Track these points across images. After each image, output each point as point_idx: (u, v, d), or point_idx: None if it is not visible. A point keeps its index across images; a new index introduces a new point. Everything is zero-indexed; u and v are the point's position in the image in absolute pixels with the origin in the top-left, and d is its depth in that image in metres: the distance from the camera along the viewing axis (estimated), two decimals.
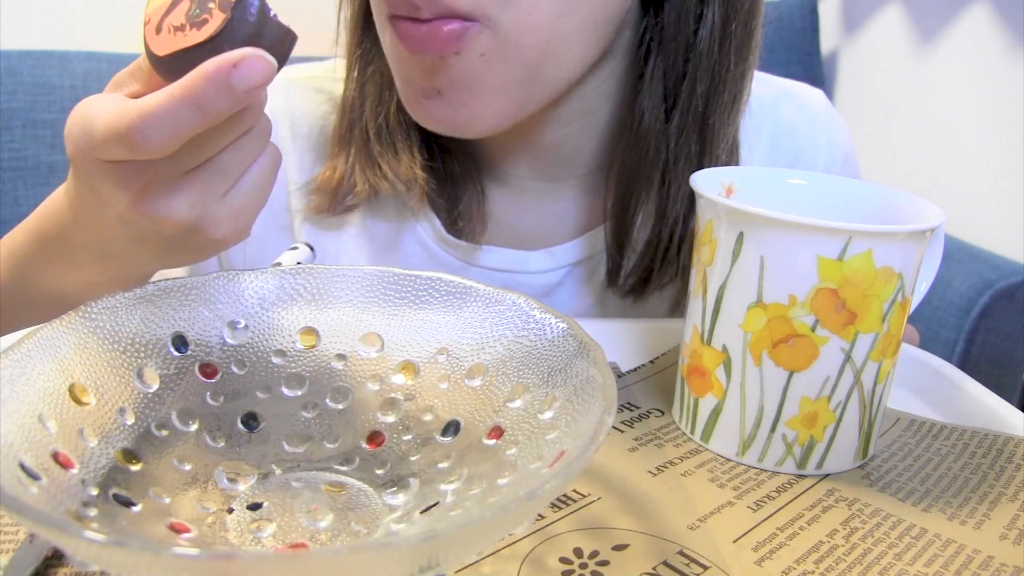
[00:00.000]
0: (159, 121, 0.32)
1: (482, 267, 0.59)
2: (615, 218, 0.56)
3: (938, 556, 0.32)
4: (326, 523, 0.29)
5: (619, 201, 0.56)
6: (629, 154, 0.54)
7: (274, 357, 0.33)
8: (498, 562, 0.30)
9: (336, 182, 0.57)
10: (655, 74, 0.52)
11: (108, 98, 0.36)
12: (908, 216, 0.38)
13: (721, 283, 0.37)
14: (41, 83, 1.16)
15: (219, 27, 0.33)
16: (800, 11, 1.50)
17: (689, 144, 0.53)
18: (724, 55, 0.51)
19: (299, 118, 0.61)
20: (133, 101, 0.34)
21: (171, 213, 0.37)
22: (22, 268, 0.47)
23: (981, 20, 1.29)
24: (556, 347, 0.30)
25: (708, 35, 0.50)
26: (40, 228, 0.45)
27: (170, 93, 0.32)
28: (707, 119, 0.52)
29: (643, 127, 0.53)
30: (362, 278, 0.34)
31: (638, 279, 0.57)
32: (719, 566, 0.30)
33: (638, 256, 0.56)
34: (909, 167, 1.43)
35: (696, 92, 0.51)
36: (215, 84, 0.32)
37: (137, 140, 0.33)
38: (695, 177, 0.40)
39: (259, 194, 0.39)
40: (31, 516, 0.20)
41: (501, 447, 0.30)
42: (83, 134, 0.36)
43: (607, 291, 0.59)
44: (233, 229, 0.38)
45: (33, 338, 0.27)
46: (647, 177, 0.54)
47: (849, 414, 0.36)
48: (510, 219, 0.60)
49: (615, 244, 0.56)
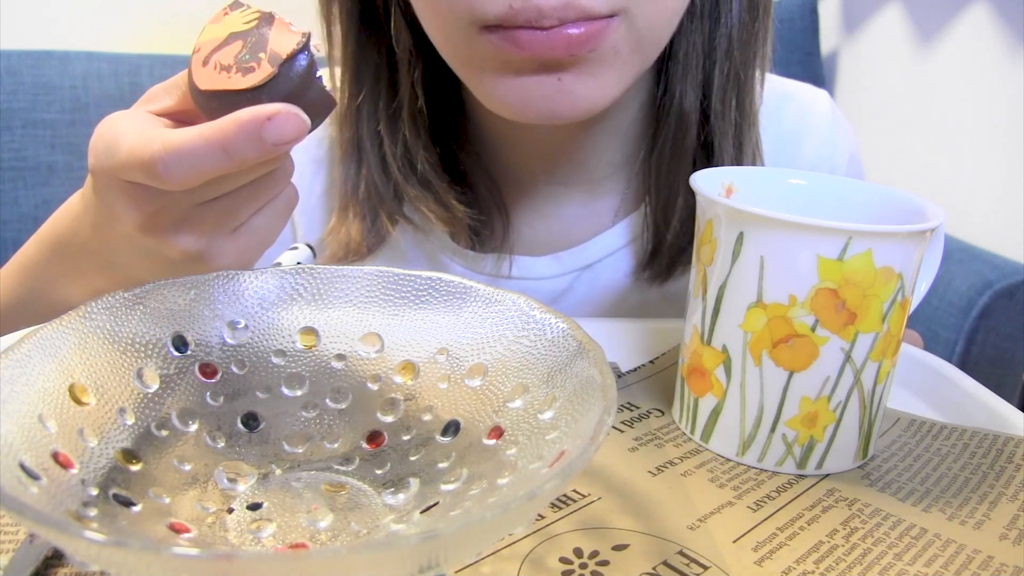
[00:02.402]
0: (184, 158, 0.32)
1: (489, 275, 0.59)
2: (660, 202, 0.56)
3: (938, 556, 0.32)
4: (326, 523, 0.29)
5: (663, 186, 0.56)
6: (670, 139, 0.54)
7: (274, 357, 0.33)
8: (498, 562, 0.30)
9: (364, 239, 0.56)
10: (691, 51, 0.52)
11: (137, 119, 0.36)
12: (908, 216, 0.38)
13: (721, 283, 0.37)
14: (41, 83, 1.16)
15: (263, 79, 0.33)
16: (800, 11, 1.50)
17: (730, 114, 0.54)
18: (753, 20, 0.53)
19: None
20: (161, 130, 0.34)
21: (177, 242, 0.37)
22: (34, 278, 0.47)
23: (981, 20, 1.29)
24: (556, 347, 0.30)
25: (739, 4, 0.52)
26: (53, 234, 0.46)
27: (200, 133, 0.32)
28: (743, 86, 0.53)
29: (685, 108, 0.53)
30: (362, 278, 0.34)
31: (670, 259, 0.57)
32: (719, 566, 0.30)
33: (673, 234, 0.56)
34: (909, 167, 1.43)
35: (734, 62, 0.53)
36: (246, 133, 0.32)
37: (159, 171, 0.33)
38: (695, 177, 0.40)
39: (267, 233, 0.39)
40: (31, 516, 0.20)
41: (501, 447, 0.30)
42: (106, 151, 0.36)
43: (617, 292, 0.59)
44: (235, 263, 0.39)
45: (33, 338, 0.27)
46: (689, 157, 0.54)
47: (849, 414, 0.36)
48: (520, 226, 0.60)
49: (664, 223, 0.56)
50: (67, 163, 1.17)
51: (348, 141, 0.56)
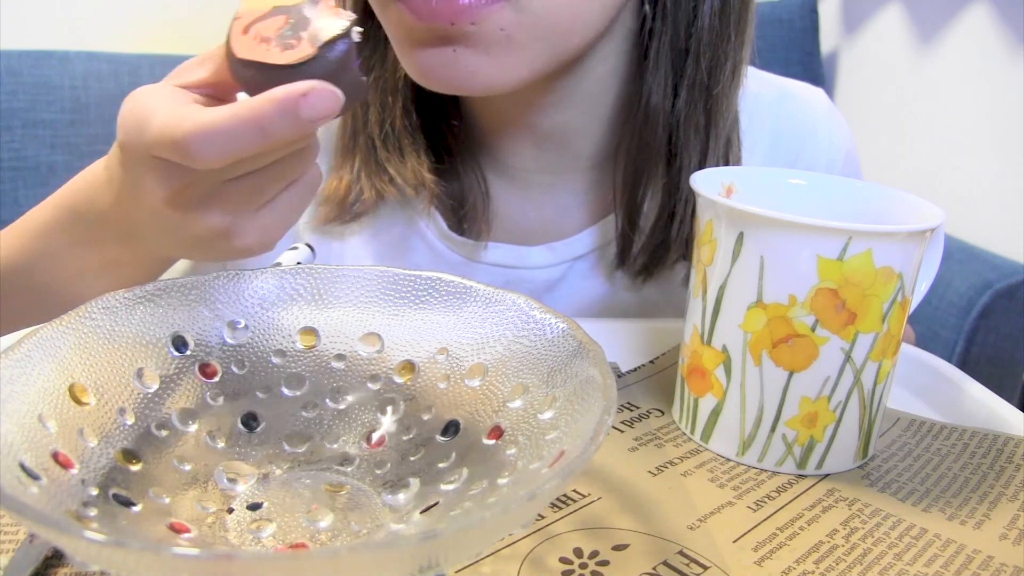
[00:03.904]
0: (215, 137, 0.32)
1: (485, 263, 0.59)
2: (626, 197, 0.56)
3: (938, 556, 0.32)
4: (326, 523, 0.29)
5: (629, 180, 0.56)
6: (637, 134, 0.55)
7: (274, 357, 0.33)
8: (498, 562, 0.30)
9: (343, 192, 0.57)
10: (661, 51, 0.53)
11: (167, 95, 0.36)
12: (908, 216, 0.38)
13: (721, 283, 0.37)
14: (41, 83, 1.16)
15: (302, 59, 0.33)
16: (800, 11, 1.50)
17: (696, 117, 0.54)
18: (724, 27, 0.52)
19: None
20: (192, 108, 0.34)
21: (203, 218, 0.37)
22: (46, 242, 0.47)
23: (981, 20, 1.29)
24: (556, 347, 0.30)
25: (709, 8, 0.51)
26: (72, 200, 0.45)
27: (233, 112, 0.32)
28: (711, 91, 0.53)
29: (651, 105, 0.53)
30: (362, 278, 0.34)
31: (648, 258, 0.57)
32: (719, 566, 0.30)
33: (647, 234, 0.56)
34: (909, 167, 1.43)
35: (700, 66, 0.52)
36: (282, 110, 0.32)
37: (191, 151, 0.33)
38: (695, 177, 0.40)
39: (292, 212, 0.39)
40: (31, 516, 0.20)
41: (501, 447, 0.30)
42: (136, 128, 0.36)
43: (610, 281, 0.59)
44: (259, 241, 0.39)
45: (33, 338, 0.27)
46: (656, 155, 0.55)
47: (849, 414, 0.36)
48: (514, 214, 0.60)
49: (628, 223, 0.57)
50: (67, 163, 1.17)
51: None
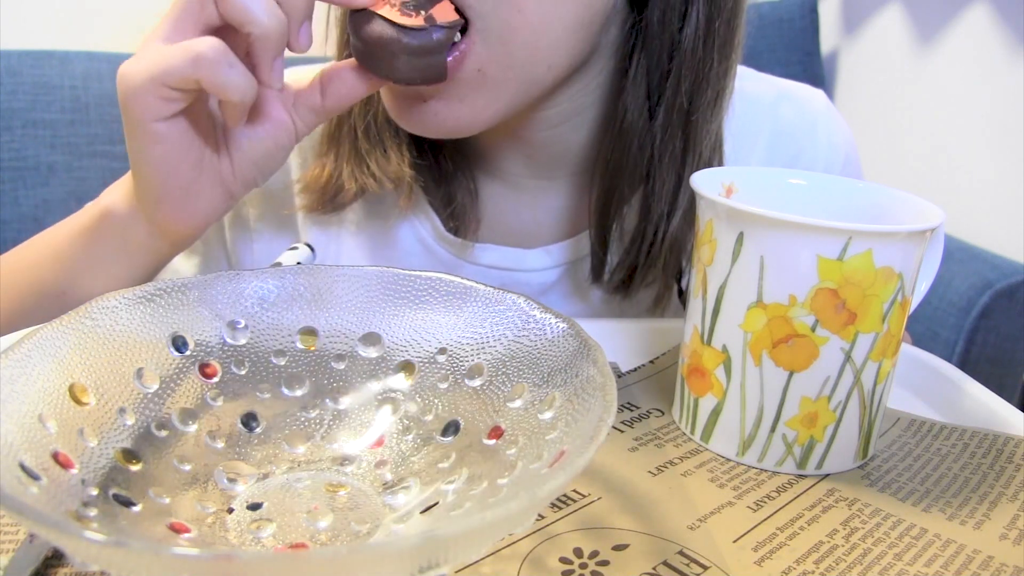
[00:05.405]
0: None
1: (479, 264, 0.59)
2: (598, 215, 0.56)
3: (938, 556, 0.32)
4: (326, 523, 0.29)
5: (602, 198, 0.56)
6: (613, 151, 0.54)
7: (274, 357, 0.33)
8: (498, 562, 0.30)
9: (324, 181, 0.57)
10: (639, 71, 0.52)
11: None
12: (908, 216, 0.38)
13: (721, 283, 0.37)
14: (41, 83, 1.16)
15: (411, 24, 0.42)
16: (800, 11, 1.50)
17: (673, 141, 0.53)
18: (708, 53, 0.51)
19: None
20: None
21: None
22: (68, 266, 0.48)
23: (981, 20, 1.29)
24: (556, 347, 0.30)
25: (692, 33, 0.50)
26: (94, 214, 0.47)
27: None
28: (691, 116, 0.52)
29: (627, 124, 0.53)
30: (362, 278, 0.34)
31: (624, 276, 0.56)
32: (719, 566, 0.30)
33: (623, 253, 0.56)
34: (909, 167, 1.43)
35: (680, 89, 0.51)
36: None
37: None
38: (695, 177, 0.40)
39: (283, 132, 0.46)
40: (31, 516, 0.20)
41: (501, 447, 0.30)
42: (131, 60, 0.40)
43: (594, 289, 0.59)
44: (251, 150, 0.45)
45: (33, 338, 0.27)
46: (631, 174, 0.54)
47: (849, 414, 0.36)
48: (507, 216, 0.60)
49: (598, 241, 0.57)
50: (67, 163, 1.17)
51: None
